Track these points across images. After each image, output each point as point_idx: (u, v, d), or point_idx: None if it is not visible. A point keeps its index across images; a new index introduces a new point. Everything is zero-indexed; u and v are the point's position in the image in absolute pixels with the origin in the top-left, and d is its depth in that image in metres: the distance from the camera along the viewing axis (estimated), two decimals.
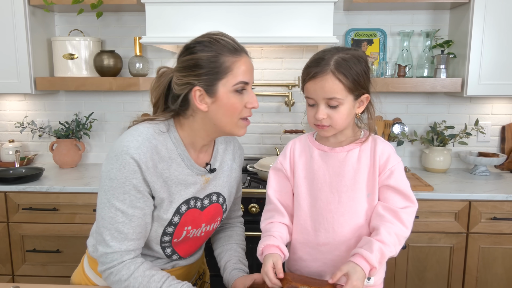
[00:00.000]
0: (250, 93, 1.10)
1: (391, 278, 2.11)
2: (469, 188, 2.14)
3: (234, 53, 1.07)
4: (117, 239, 1.06)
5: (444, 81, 2.28)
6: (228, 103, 1.06)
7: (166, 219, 1.11)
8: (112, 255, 1.06)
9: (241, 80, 1.06)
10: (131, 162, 1.03)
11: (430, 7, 2.43)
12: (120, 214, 1.05)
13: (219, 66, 1.04)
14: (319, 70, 1.09)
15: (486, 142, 2.60)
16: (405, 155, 2.64)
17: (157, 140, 1.08)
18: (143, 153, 1.04)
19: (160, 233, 1.13)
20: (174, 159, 1.11)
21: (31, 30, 2.34)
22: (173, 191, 1.11)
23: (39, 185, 2.15)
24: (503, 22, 2.19)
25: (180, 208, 1.12)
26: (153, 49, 2.59)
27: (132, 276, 1.06)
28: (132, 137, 1.06)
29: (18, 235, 2.19)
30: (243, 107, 1.09)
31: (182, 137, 1.13)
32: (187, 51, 1.09)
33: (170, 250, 1.19)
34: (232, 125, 1.10)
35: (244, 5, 2.08)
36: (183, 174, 1.12)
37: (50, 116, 2.70)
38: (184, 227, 1.15)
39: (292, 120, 2.64)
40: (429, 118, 2.61)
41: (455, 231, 2.06)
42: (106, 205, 1.06)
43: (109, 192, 1.06)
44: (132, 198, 1.05)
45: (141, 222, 1.08)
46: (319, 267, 1.20)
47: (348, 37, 2.53)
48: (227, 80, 1.05)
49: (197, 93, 1.06)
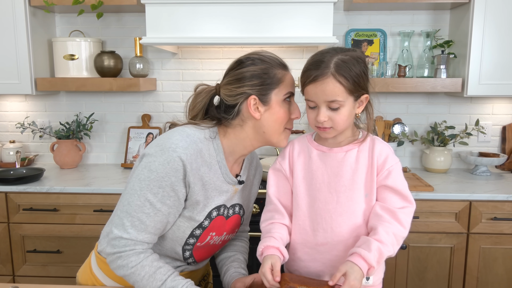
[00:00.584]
0: (294, 104, 1.20)
1: (391, 278, 2.11)
2: (470, 188, 2.14)
3: (283, 68, 1.18)
4: (136, 227, 1.08)
5: (444, 81, 2.28)
6: (279, 111, 1.15)
7: (198, 220, 1.15)
8: (126, 241, 1.08)
9: (290, 91, 1.17)
10: (177, 161, 1.07)
11: (430, 7, 2.43)
12: (148, 205, 1.08)
13: (272, 77, 1.14)
14: (319, 73, 1.09)
15: (487, 142, 2.60)
16: (405, 155, 2.64)
17: (203, 144, 1.14)
18: (190, 154, 1.09)
19: (187, 234, 1.16)
20: (213, 165, 1.16)
21: (32, 31, 2.34)
22: (209, 195, 1.16)
23: (40, 185, 2.16)
24: (503, 22, 2.18)
25: (211, 213, 1.17)
26: (153, 50, 2.59)
27: (140, 264, 1.08)
28: (181, 137, 1.11)
29: (19, 235, 2.19)
30: (289, 117, 1.18)
31: (224, 145, 1.19)
32: (240, 65, 1.17)
33: (188, 253, 1.21)
34: (279, 134, 1.18)
35: (244, 6, 2.09)
36: (219, 181, 1.18)
37: (51, 117, 2.71)
38: (209, 232, 1.19)
39: None
40: (429, 118, 2.60)
41: (456, 231, 2.06)
42: (137, 192, 1.08)
43: (144, 182, 1.08)
44: (165, 194, 1.08)
45: (164, 219, 1.11)
46: (318, 267, 1.20)
47: (348, 38, 2.53)
48: (279, 90, 1.15)
49: (252, 101, 1.14)
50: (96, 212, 2.14)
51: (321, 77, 1.08)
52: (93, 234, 2.16)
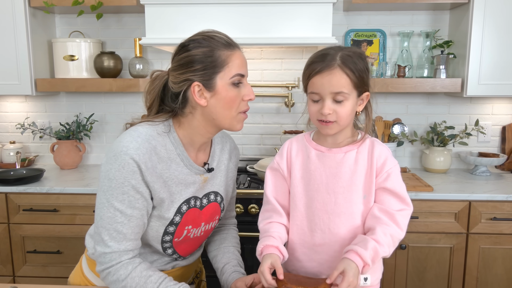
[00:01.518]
0: (246, 86, 1.13)
1: (391, 278, 2.11)
2: (469, 188, 2.14)
3: (228, 48, 1.09)
4: (115, 239, 1.06)
5: (444, 81, 2.28)
6: (226, 96, 1.09)
7: (168, 218, 1.12)
8: (110, 255, 1.07)
9: (237, 73, 1.09)
10: (131, 163, 1.04)
11: (429, 8, 2.43)
12: (119, 214, 1.06)
13: (215, 60, 1.07)
14: (325, 64, 1.10)
15: (487, 142, 2.60)
16: (405, 156, 2.64)
17: (156, 141, 1.10)
18: (143, 154, 1.05)
19: (161, 233, 1.14)
20: (173, 159, 1.12)
21: (32, 32, 2.35)
22: (174, 191, 1.12)
23: (40, 186, 2.16)
24: (502, 22, 2.18)
25: (181, 207, 1.14)
26: (153, 50, 2.60)
27: (129, 276, 1.06)
28: (131, 138, 1.07)
29: (19, 236, 2.19)
30: (241, 100, 1.11)
31: (181, 136, 1.15)
32: (182, 49, 1.11)
33: (171, 250, 1.19)
34: (231, 119, 1.12)
35: (243, 6, 2.09)
36: (183, 174, 1.14)
37: (51, 118, 2.71)
38: (185, 227, 1.16)
39: (292, 120, 2.64)
40: (429, 118, 2.60)
41: (455, 231, 2.06)
42: (105, 205, 1.07)
43: (108, 192, 1.06)
44: (131, 199, 1.06)
45: (140, 223, 1.09)
46: (315, 267, 1.20)
47: (348, 38, 2.53)
48: (224, 74, 1.08)
49: (195, 88, 1.08)
50: None
51: (327, 68, 1.09)
52: None
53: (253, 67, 2.60)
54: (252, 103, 2.62)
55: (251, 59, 2.59)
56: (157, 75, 1.17)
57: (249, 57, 2.59)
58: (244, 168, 2.36)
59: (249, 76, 2.59)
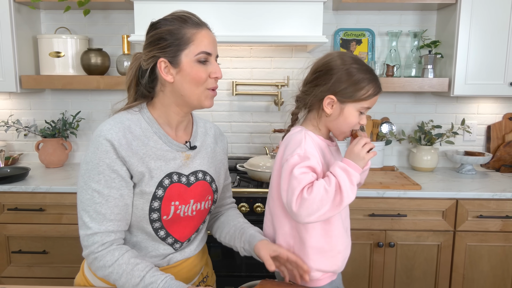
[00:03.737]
0: (214, 64, 1.14)
1: (379, 276, 2.13)
2: (456, 186, 2.17)
3: (195, 26, 1.13)
4: (95, 220, 1.08)
5: (431, 81, 2.31)
6: (191, 72, 1.11)
7: (150, 192, 1.12)
8: (92, 237, 1.08)
9: (202, 50, 1.11)
10: (104, 143, 1.08)
11: (417, 8, 2.46)
12: (96, 195, 1.08)
13: (181, 38, 1.11)
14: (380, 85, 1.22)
15: (472, 141, 2.64)
16: (393, 154, 2.66)
17: (130, 121, 1.14)
18: (115, 132, 1.10)
19: (147, 210, 1.13)
20: (150, 137, 1.16)
21: (16, 28, 2.29)
22: (153, 166, 1.14)
23: (25, 185, 2.12)
24: (489, 23, 2.22)
25: (163, 181, 1.14)
26: (141, 47, 2.56)
27: (116, 262, 1.07)
28: (105, 123, 1.13)
29: (3, 236, 2.15)
30: (207, 77, 1.13)
31: (156, 116, 1.19)
32: (152, 27, 1.15)
33: (163, 232, 1.17)
34: (199, 95, 1.14)
35: (234, 4, 2.08)
36: (162, 150, 1.16)
37: (36, 115, 2.66)
38: (170, 202, 1.15)
39: (281, 119, 2.64)
40: (416, 117, 2.63)
41: (443, 229, 2.09)
42: (83, 188, 1.10)
43: (85, 175, 1.10)
44: (107, 178, 1.08)
45: (119, 203, 1.10)
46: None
47: (337, 37, 2.54)
48: (189, 51, 1.11)
49: (162, 64, 1.12)
50: None
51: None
52: None
53: (242, 65, 2.59)
54: (241, 101, 2.62)
55: (241, 57, 2.58)
56: (135, 55, 1.22)
57: (238, 55, 2.58)
58: (234, 167, 2.35)
59: (239, 74, 2.59)
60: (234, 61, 2.59)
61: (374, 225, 2.09)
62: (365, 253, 2.12)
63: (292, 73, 2.59)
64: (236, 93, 2.59)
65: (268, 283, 1.08)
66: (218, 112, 2.64)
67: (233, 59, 2.59)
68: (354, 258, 2.12)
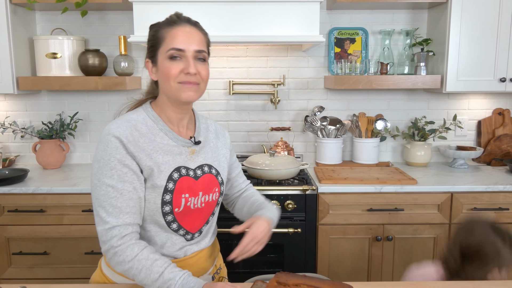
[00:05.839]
0: (187, 60, 1.17)
1: (378, 269, 2.18)
2: (450, 180, 2.24)
3: (169, 25, 1.19)
4: (112, 214, 1.11)
5: (424, 78, 2.36)
6: (163, 68, 1.17)
7: (161, 185, 1.16)
8: (111, 231, 1.11)
9: (172, 47, 1.16)
10: (113, 140, 1.13)
11: (409, 7, 2.52)
12: (111, 190, 1.12)
13: (157, 38, 1.19)
14: None
15: (464, 136, 2.71)
16: (387, 150, 2.72)
17: (136, 120, 1.20)
18: (123, 130, 1.15)
19: (159, 203, 1.17)
20: (157, 133, 1.21)
21: (13, 29, 2.29)
22: (161, 160, 1.18)
23: (25, 186, 2.12)
24: (479, 21, 2.28)
25: (172, 175, 1.18)
26: (138, 48, 2.58)
27: (136, 258, 1.09)
28: (112, 122, 1.19)
29: (4, 237, 2.14)
30: (180, 72, 1.17)
31: (159, 113, 1.24)
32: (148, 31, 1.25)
33: (176, 225, 1.21)
34: (174, 90, 1.18)
35: (231, 5, 2.11)
36: (168, 145, 1.21)
37: (32, 117, 2.65)
38: (181, 194, 1.19)
39: (278, 117, 2.68)
40: (409, 114, 2.69)
41: (438, 222, 2.14)
42: (97, 185, 1.13)
43: (98, 173, 1.14)
44: (120, 173, 1.12)
45: (133, 196, 1.14)
46: None
47: (332, 36, 2.59)
48: (162, 49, 1.17)
49: (149, 65, 1.22)
50: (85, 212, 2.12)
51: None
52: (82, 234, 2.14)
53: (239, 64, 2.62)
54: (238, 100, 2.65)
55: (237, 57, 2.61)
56: None
57: (235, 55, 2.61)
58: None
59: (236, 74, 2.62)
60: (231, 61, 2.62)
61: (372, 219, 2.13)
62: (363, 247, 2.16)
63: (287, 72, 2.63)
64: (232, 92, 2.62)
65: (283, 275, 1.12)
66: (215, 111, 2.67)
67: (229, 58, 2.62)
68: (353, 252, 2.16)
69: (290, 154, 2.52)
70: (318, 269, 2.17)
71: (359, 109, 2.68)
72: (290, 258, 2.14)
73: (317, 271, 2.17)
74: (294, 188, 2.12)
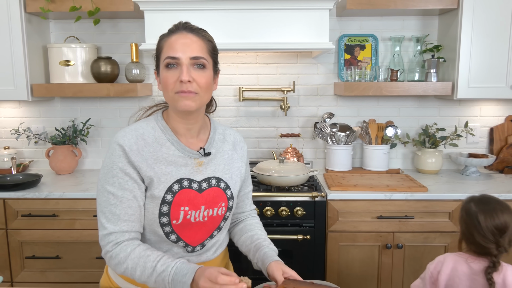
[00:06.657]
0: (183, 69, 1.14)
1: (388, 277, 2.16)
2: (462, 188, 2.21)
3: (168, 34, 1.19)
4: (111, 220, 1.14)
5: (435, 84, 2.35)
6: (162, 77, 1.18)
7: (159, 196, 1.16)
8: (108, 236, 1.13)
9: (167, 56, 1.15)
10: (117, 148, 1.16)
11: (419, 13, 2.51)
12: (111, 197, 1.14)
13: (158, 48, 1.21)
14: None
15: (475, 143, 2.68)
16: (397, 157, 2.71)
17: (144, 128, 1.21)
18: (128, 139, 1.17)
19: (156, 214, 1.17)
20: (163, 143, 1.21)
21: (27, 37, 2.34)
22: (162, 171, 1.18)
23: (38, 191, 2.15)
24: (490, 27, 2.27)
25: (172, 186, 1.18)
26: (149, 55, 2.61)
27: (129, 257, 1.11)
28: (121, 130, 1.21)
29: (17, 241, 2.18)
30: (175, 81, 1.15)
31: (168, 123, 1.25)
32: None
33: (175, 236, 1.20)
34: (171, 100, 1.17)
35: (241, 12, 2.13)
36: (174, 156, 1.20)
37: (45, 123, 2.70)
38: (180, 207, 1.18)
39: (287, 124, 2.68)
40: (420, 120, 2.68)
41: (449, 230, 2.12)
42: (100, 191, 1.17)
43: (102, 179, 1.17)
44: (120, 181, 1.14)
45: (132, 204, 1.15)
46: None
47: (341, 43, 2.59)
48: (161, 59, 1.18)
49: (156, 75, 1.24)
50: (96, 217, 2.14)
51: None
52: (93, 239, 2.17)
53: (249, 71, 2.64)
54: (248, 107, 2.67)
55: (247, 64, 2.63)
56: None
57: (245, 61, 2.63)
58: None
59: (246, 80, 2.64)
60: (241, 68, 2.64)
61: (382, 227, 2.12)
62: (373, 254, 2.15)
63: (297, 79, 2.64)
64: (242, 98, 2.63)
65: (290, 282, 1.12)
66: (225, 118, 2.69)
67: (239, 65, 2.64)
68: (362, 260, 2.15)
69: (300, 161, 2.52)
70: (327, 277, 2.16)
71: (369, 115, 2.67)
72: (298, 264, 2.14)
73: (326, 279, 2.17)
74: (303, 195, 2.12)
